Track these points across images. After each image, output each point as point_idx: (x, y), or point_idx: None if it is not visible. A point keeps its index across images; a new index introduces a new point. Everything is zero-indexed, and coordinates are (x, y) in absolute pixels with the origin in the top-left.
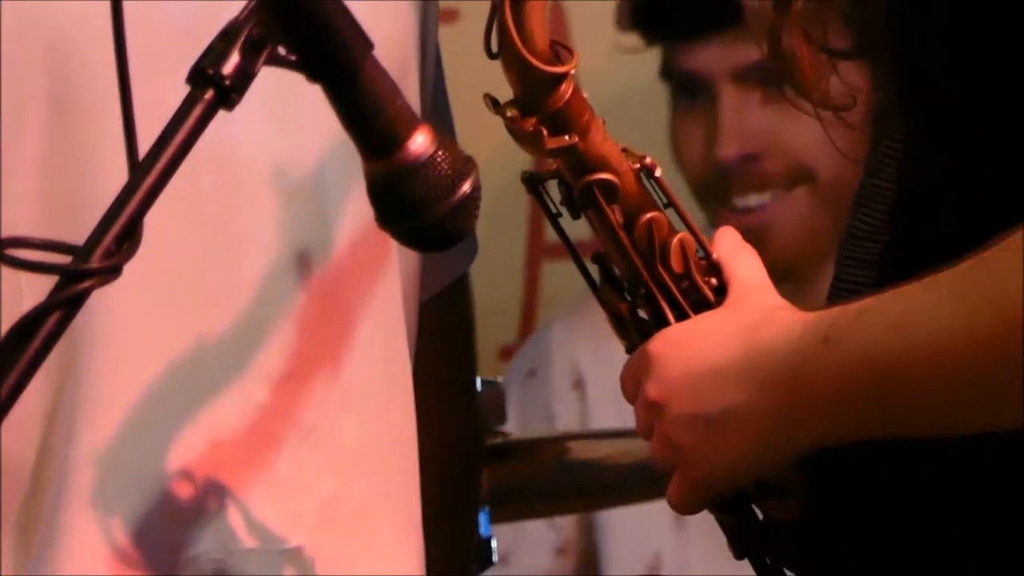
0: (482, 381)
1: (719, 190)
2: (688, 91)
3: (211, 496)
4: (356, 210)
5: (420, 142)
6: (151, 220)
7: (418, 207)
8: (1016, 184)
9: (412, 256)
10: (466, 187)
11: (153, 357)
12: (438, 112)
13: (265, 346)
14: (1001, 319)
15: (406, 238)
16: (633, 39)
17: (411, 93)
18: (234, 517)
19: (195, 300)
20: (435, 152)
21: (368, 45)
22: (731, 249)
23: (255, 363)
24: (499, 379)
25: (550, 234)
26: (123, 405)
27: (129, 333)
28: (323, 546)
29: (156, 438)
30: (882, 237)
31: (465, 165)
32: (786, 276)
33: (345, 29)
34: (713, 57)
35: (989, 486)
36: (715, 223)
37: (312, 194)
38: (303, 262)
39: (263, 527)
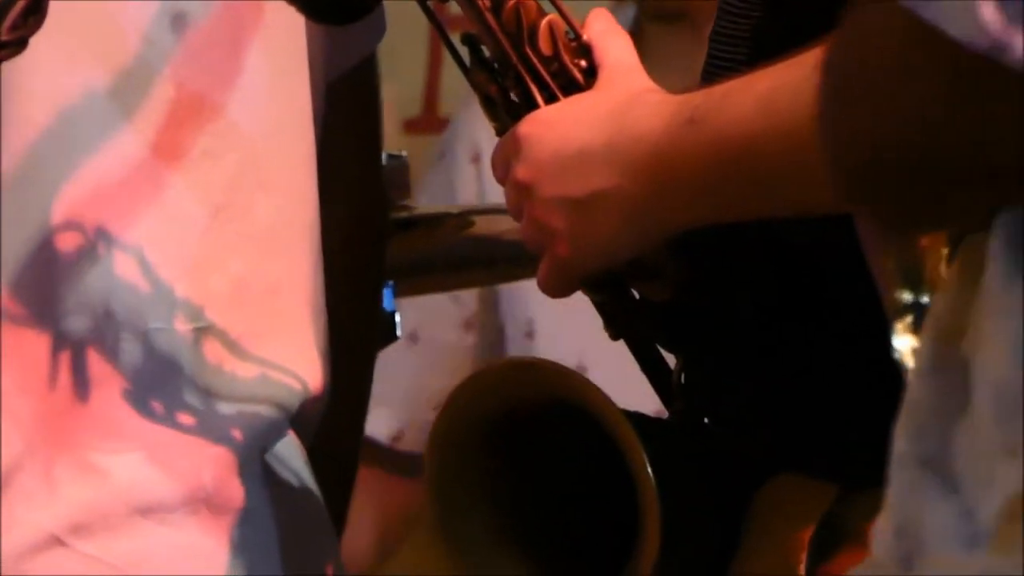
0: (387, 155)
1: None
2: None
3: (99, 243)
4: None
5: None
6: None
7: None
8: None
9: (319, 34)
10: None
11: (42, 110)
12: None
13: (146, 103)
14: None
15: (309, 9)
16: None
17: None
18: (124, 266)
19: (80, 54)
20: None
21: None
22: (603, 31)
23: (137, 117)
24: (403, 153)
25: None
26: (12, 159)
27: (24, 90)
28: (234, 324)
29: (40, 189)
30: (755, 13)
31: None
32: (680, 14)
33: None
34: None
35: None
36: None
37: None
38: (179, 21)
39: (175, 304)
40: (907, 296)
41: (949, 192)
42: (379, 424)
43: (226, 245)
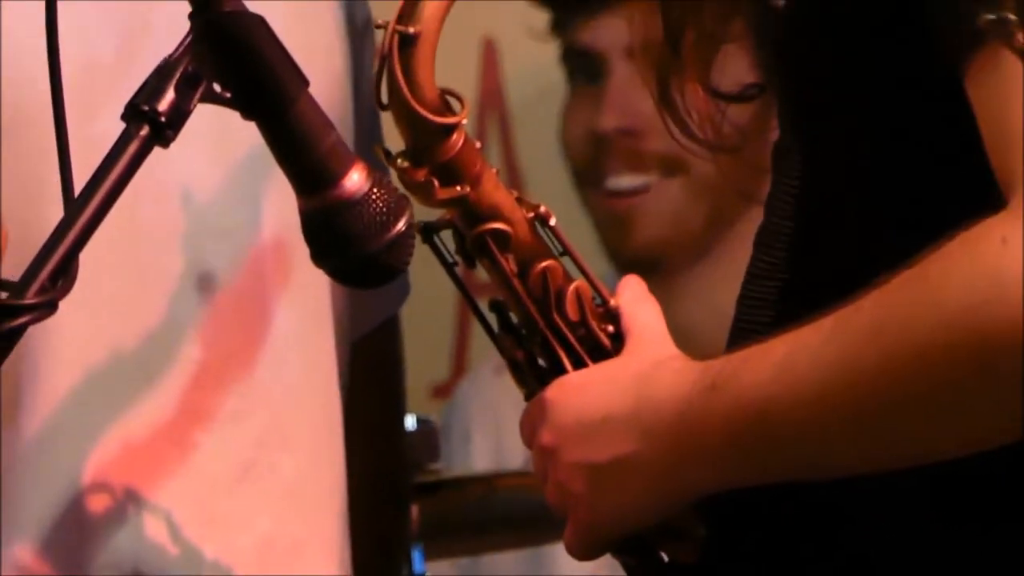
0: (415, 419)
1: (596, 168)
2: (583, 70)
3: (128, 505)
4: (263, 232)
5: (355, 179)
6: None
7: (353, 243)
8: (905, 220)
9: (343, 295)
10: (401, 225)
11: (69, 371)
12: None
13: (172, 364)
14: (880, 353)
15: (340, 274)
16: (544, 20)
17: (345, 132)
18: (152, 526)
19: (107, 315)
20: (370, 189)
21: (303, 81)
22: (633, 299)
23: (163, 379)
24: (431, 417)
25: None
26: (40, 419)
27: (51, 350)
28: None
29: (68, 450)
30: (781, 275)
31: (400, 203)
32: (652, 267)
33: (279, 66)
34: (609, 32)
35: (883, 525)
36: (589, 207)
37: (218, 215)
38: (206, 282)
39: (202, 564)
40: None
41: None
42: None
43: (252, 504)
